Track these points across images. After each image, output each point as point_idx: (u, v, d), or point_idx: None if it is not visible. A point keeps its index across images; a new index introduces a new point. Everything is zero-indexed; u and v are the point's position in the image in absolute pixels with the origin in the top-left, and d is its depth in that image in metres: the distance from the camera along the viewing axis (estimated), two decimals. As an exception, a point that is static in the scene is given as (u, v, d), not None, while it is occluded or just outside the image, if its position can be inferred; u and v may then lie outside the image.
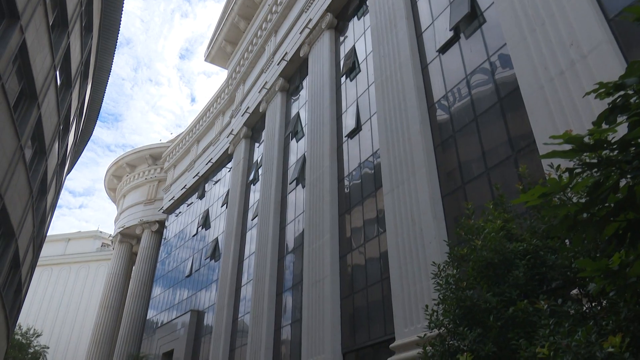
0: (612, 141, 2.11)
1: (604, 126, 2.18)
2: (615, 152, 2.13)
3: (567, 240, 5.32)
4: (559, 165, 4.47)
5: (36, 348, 34.46)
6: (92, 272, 68.69)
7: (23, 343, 33.50)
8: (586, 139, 2.13)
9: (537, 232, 5.74)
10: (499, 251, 5.49)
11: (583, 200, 2.39)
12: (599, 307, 4.80)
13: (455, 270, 6.11)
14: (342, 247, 16.89)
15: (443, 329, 5.83)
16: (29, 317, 48.98)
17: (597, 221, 2.21)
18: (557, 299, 4.83)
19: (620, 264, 2.52)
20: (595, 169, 2.32)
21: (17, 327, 29.73)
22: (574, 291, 5.35)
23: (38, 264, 25.41)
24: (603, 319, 4.41)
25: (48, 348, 36.39)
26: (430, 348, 5.76)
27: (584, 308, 4.89)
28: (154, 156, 48.28)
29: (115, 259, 47.80)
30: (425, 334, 6.13)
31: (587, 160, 2.26)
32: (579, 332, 3.95)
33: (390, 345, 12.05)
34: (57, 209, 26.22)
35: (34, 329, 36.04)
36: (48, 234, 25.72)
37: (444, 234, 11.76)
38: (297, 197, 21.53)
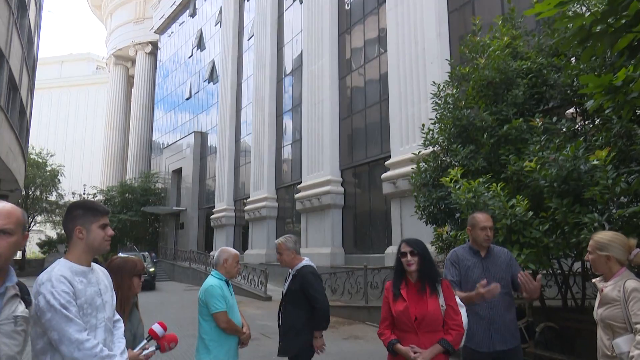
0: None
1: None
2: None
3: (572, 59, 5.16)
4: (581, -27, 4.04)
5: (52, 166, 36.54)
6: (92, 96, 68.99)
7: (39, 162, 35.37)
8: None
9: (544, 50, 5.51)
10: (501, 70, 5.35)
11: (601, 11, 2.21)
12: (591, 125, 4.90)
13: (455, 90, 6.06)
14: (342, 68, 16.54)
15: (437, 146, 6.06)
16: (39, 140, 50.75)
17: (613, 32, 2.08)
18: (552, 118, 4.90)
19: (625, 80, 2.47)
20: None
21: (30, 148, 31.01)
22: (570, 110, 5.40)
23: (36, 87, 25.25)
24: (594, 136, 4.54)
25: (64, 166, 38.56)
26: (424, 164, 6.06)
27: (577, 126, 5.00)
28: (136, -32, 43.85)
29: (113, 82, 47.38)
30: (419, 152, 6.40)
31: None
32: (567, 147, 4.10)
33: (386, 162, 12.75)
34: (41, 29, 24.88)
35: (47, 150, 37.69)
36: (39, 56, 24.93)
37: (446, 54, 11.38)
38: (294, 15, 20.22)
